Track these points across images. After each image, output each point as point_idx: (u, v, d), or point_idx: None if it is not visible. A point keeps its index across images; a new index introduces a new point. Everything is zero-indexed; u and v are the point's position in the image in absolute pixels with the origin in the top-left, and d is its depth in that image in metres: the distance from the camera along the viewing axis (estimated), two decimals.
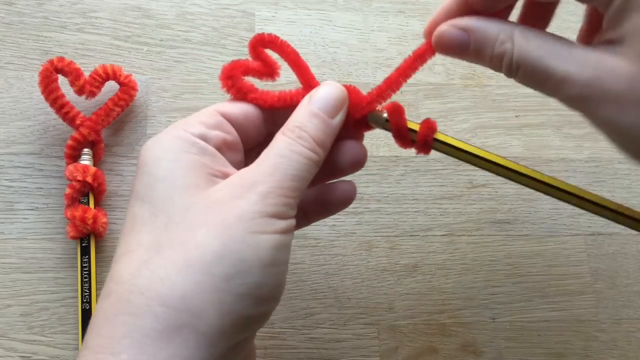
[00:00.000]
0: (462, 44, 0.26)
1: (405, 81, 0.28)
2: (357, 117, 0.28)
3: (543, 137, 0.41)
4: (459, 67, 0.42)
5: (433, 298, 0.38)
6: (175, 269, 0.21)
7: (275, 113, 0.28)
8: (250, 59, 0.28)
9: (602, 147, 0.41)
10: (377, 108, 0.28)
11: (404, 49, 0.42)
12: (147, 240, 0.22)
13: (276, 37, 0.28)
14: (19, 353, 0.34)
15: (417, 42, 0.42)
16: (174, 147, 0.24)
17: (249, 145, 0.28)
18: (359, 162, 0.29)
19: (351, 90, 0.28)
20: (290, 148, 0.25)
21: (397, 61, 0.42)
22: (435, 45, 0.27)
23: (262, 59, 0.28)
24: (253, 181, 0.24)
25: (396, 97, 0.41)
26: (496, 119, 0.41)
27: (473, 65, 0.42)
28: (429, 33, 0.27)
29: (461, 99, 0.41)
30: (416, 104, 0.41)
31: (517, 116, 0.41)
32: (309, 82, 0.28)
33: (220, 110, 0.27)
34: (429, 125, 0.27)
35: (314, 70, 0.41)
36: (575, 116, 0.42)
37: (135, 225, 0.23)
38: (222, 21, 0.41)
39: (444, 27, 0.26)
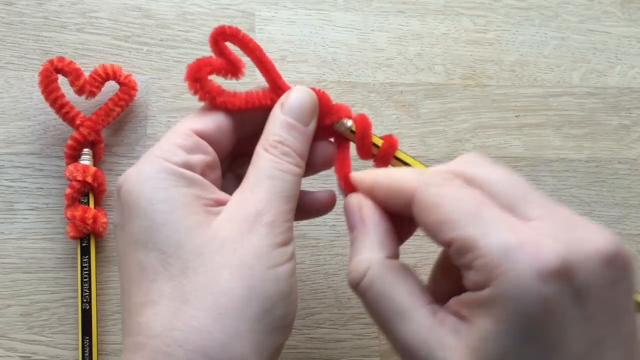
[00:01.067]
0: (351, 225, 0.26)
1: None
2: (324, 123, 0.28)
3: (543, 137, 0.41)
4: (459, 67, 0.42)
5: None
6: (209, 319, 0.21)
7: (242, 117, 0.27)
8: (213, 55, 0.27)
9: (602, 147, 0.41)
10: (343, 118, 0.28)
11: (404, 49, 0.42)
12: (167, 290, 0.22)
13: (237, 31, 0.27)
14: (19, 353, 0.34)
15: (417, 42, 0.42)
16: (163, 184, 0.23)
17: (221, 157, 0.27)
18: (329, 162, 0.29)
19: (320, 96, 0.28)
20: (279, 168, 0.25)
21: (397, 61, 0.42)
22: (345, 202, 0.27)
23: (225, 55, 0.27)
24: (256, 212, 0.24)
25: (396, 97, 0.41)
26: (496, 119, 0.41)
27: (473, 65, 0.42)
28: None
29: (461, 99, 0.41)
30: (416, 104, 0.41)
31: (517, 116, 0.41)
32: (274, 81, 0.27)
33: (194, 129, 0.26)
34: (391, 143, 0.28)
35: (313, 70, 0.41)
36: (575, 116, 0.42)
37: (147, 274, 0.23)
38: (222, 21, 0.41)
39: (353, 201, 0.26)
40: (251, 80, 0.38)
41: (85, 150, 0.36)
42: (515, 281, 0.19)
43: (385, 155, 0.28)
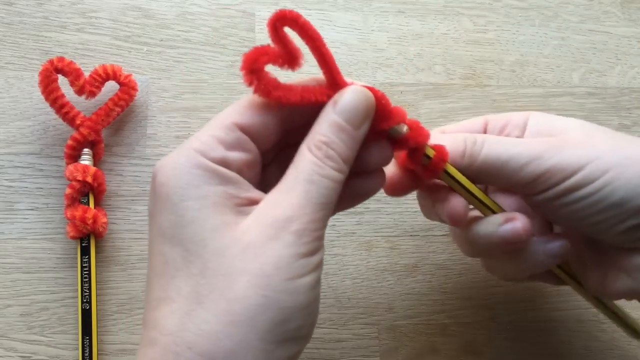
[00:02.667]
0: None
1: None
2: (380, 127, 0.26)
3: None
4: (459, 67, 0.42)
5: (433, 298, 0.38)
6: (220, 325, 0.21)
7: (293, 109, 0.25)
8: (270, 43, 0.24)
9: None
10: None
11: (404, 49, 0.42)
12: (185, 289, 0.22)
13: (299, 15, 0.24)
14: (19, 353, 0.34)
15: (417, 42, 0.42)
16: (196, 181, 0.23)
17: (264, 151, 0.26)
18: (384, 163, 0.28)
19: (379, 98, 0.25)
20: (319, 172, 0.24)
21: (397, 61, 0.42)
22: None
23: (285, 43, 0.24)
24: (285, 217, 0.23)
25: (397, 97, 0.41)
26: None
27: (473, 65, 0.42)
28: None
29: (461, 99, 0.41)
30: (416, 104, 0.41)
31: None
32: (333, 76, 0.25)
33: (238, 123, 0.24)
34: (442, 155, 0.28)
35: (313, 71, 0.41)
36: (575, 116, 0.42)
37: (168, 269, 0.23)
38: (222, 21, 0.41)
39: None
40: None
41: (85, 150, 0.36)
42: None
43: (435, 168, 0.28)
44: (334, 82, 0.25)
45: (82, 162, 0.36)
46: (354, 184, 0.27)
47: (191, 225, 0.23)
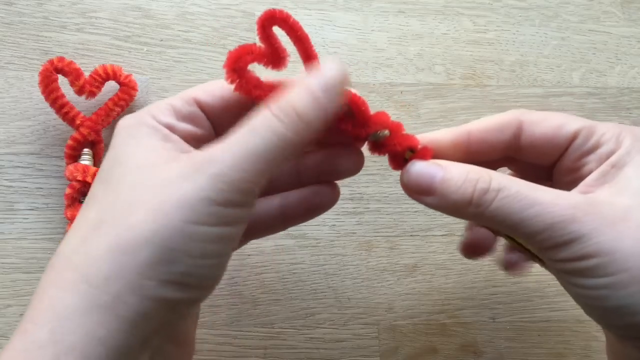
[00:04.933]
0: (433, 174, 0.25)
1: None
2: (359, 135, 0.26)
3: None
4: (459, 67, 0.42)
5: (433, 298, 0.38)
6: (105, 250, 0.21)
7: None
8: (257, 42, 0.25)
9: None
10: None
11: (404, 49, 0.42)
12: (92, 216, 0.22)
13: (288, 15, 0.24)
14: None
15: (417, 42, 0.42)
16: (138, 132, 0.23)
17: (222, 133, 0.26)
18: (354, 170, 0.28)
19: (360, 104, 0.26)
20: (266, 123, 0.22)
21: (397, 61, 0.42)
22: (405, 178, 0.26)
23: (271, 43, 0.24)
24: (208, 158, 0.22)
25: (396, 97, 0.41)
26: None
27: (473, 65, 0.42)
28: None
29: (461, 99, 0.41)
30: (416, 104, 0.41)
31: None
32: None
33: (198, 99, 0.25)
34: (424, 154, 0.27)
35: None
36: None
37: (88, 202, 0.23)
38: (222, 21, 0.41)
39: (419, 163, 0.26)
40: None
41: (85, 150, 0.36)
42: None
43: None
44: None
45: (82, 162, 0.36)
46: (312, 194, 0.28)
47: (120, 165, 0.23)
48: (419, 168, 0.26)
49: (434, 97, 0.41)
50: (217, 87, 0.25)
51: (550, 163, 0.28)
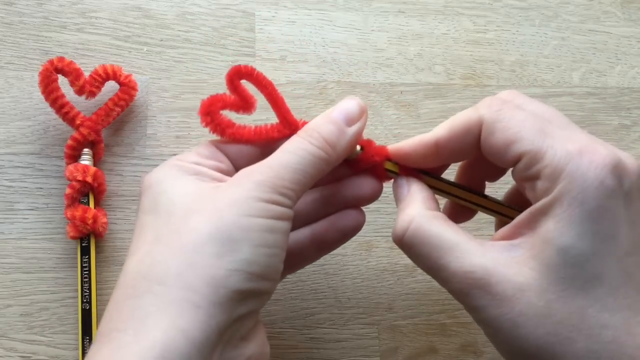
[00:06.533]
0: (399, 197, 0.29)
1: None
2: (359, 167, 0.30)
3: None
4: (459, 67, 0.42)
5: (433, 298, 0.38)
6: (170, 253, 0.23)
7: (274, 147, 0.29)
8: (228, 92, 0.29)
9: None
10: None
11: (404, 49, 0.42)
12: (150, 237, 0.24)
13: (252, 69, 0.28)
14: (19, 353, 0.34)
15: (417, 42, 0.42)
16: (173, 172, 0.26)
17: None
18: (371, 198, 0.30)
19: (367, 144, 0.29)
20: (297, 145, 0.26)
21: (397, 61, 0.42)
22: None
23: (239, 93, 0.28)
24: (250, 171, 0.25)
25: (396, 97, 0.41)
26: None
27: (473, 65, 0.42)
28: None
29: (461, 99, 0.41)
30: (416, 104, 0.41)
31: None
32: (284, 116, 0.28)
33: (214, 144, 0.28)
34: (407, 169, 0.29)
35: (313, 70, 0.41)
36: (575, 116, 0.42)
37: (142, 230, 0.25)
38: (222, 21, 0.41)
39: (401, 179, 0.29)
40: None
41: (85, 150, 0.36)
42: (578, 176, 0.22)
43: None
44: (284, 120, 0.29)
45: (82, 162, 0.36)
46: (338, 218, 0.30)
47: (163, 196, 0.25)
48: (398, 183, 0.29)
49: (434, 97, 0.41)
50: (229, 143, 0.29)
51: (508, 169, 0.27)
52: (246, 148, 0.29)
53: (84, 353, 0.34)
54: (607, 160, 0.22)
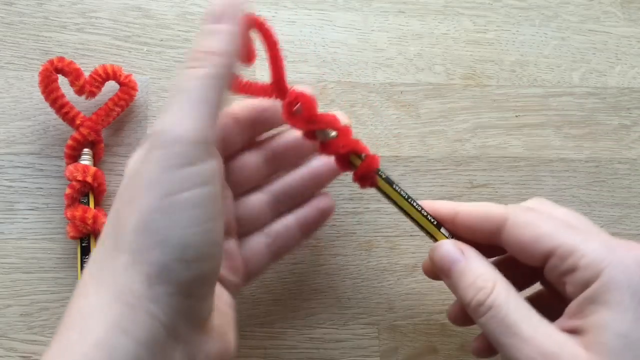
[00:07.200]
0: (454, 261, 0.28)
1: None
2: (307, 129, 0.29)
3: (543, 137, 0.41)
4: (459, 67, 0.42)
5: (433, 298, 0.38)
6: (109, 252, 0.23)
7: (254, 121, 0.30)
8: None
9: (602, 147, 0.41)
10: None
11: (404, 49, 0.42)
12: (102, 233, 0.24)
13: (265, 22, 0.27)
14: (19, 353, 0.34)
15: (417, 42, 0.42)
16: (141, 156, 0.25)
17: (227, 152, 0.30)
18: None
19: (306, 102, 0.28)
20: (184, 78, 0.24)
21: (397, 61, 0.42)
22: (432, 252, 0.29)
23: (245, 41, 0.27)
24: (154, 134, 0.23)
25: (396, 97, 0.41)
26: (496, 119, 0.41)
27: (473, 65, 0.42)
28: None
29: (461, 99, 0.41)
30: (416, 104, 0.41)
31: (517, 116, 0.41)
32: (278, 78, 0.28)
33: None
34: (371, 164, 0.30)
35: (313, 70, 0.41)
36: (575, 116, 0.42)
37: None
38: None
39: (448, 244, 0.29)
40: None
41: (85, 150, 0.36)
42: (621, 266, 0.24)
43: (362, 178, 0.30)
44: (277, 84, 0.28)
45: (82, 162, 0.36)
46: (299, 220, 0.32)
47: (122, 182, 0.24)
48: (445, 250, 0.29)
49: (434, 97, 0.41)
50: None
51: (535, 266, 0.27)
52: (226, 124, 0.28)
53: None
54: None
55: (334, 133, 0.29)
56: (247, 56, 0.27)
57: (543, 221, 0.26)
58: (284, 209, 0.32)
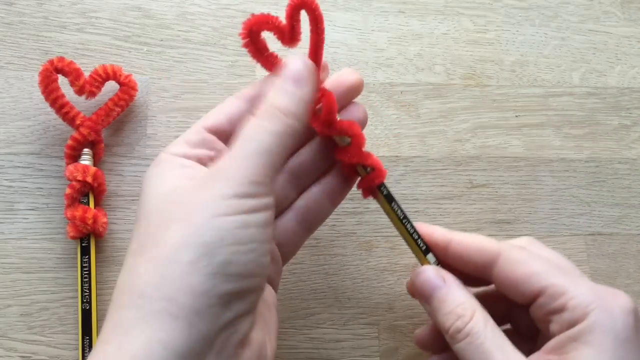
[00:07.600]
0: (435, 287, 0.29)
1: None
2: (322, 132, 0.29)
3: (543, 137, 0.41)
4: (459, 67, 0.42)
5: None
6: (149, 265, 0.23)
7: None
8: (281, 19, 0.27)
9: (602, 147, 0.41)
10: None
11: (404, 49, 0.42)
12: (134, 247, 0.25)
13: (318, 5, 0.27)
14: (19, 353, 0.34)
15: (417, 42, 0.42)
16: (158, 167, 0.26)
17: None
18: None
19: (329, 103, 0.28)
20: (254, 128, 0.25)
21: (397, 61, 0.42)
22: (414, 276, 0.31)
23: (293, 22, 0.27)
24: (217, 168, 0.25)
25: (396, 97, 0.41)
26: (496, 119, 0.41)
27: (473, 65, 0.42)
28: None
29: (461, 99, 0.41)
30: (416, 104, 0.41)
31: (517, 116, 0.41)
32: (318, 65, 0.28)
33: (205, 125, 0.28)
34: (378, 174, 0.30)
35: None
36: (575, 116, 0.42)
37: (131, 239, 0.25)
38: (222, 21, 0.41)
39: (430, 270, 0.30)
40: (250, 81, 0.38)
41: (85, 150, 0.36)
42: (608, 314, 0.25)
43: (366, 188, 0.31)
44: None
45: (82, 162, 0.36)
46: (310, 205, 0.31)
47: (148, 198, 0.25)
48: (427, 276, 0.30)
49: (434, 97, 0.41)
50: (219, 109, 0.29)
51: (520, 303, 0.29)
52: (236, 119, 0.28)
53: (84, 353, 0.34)
54: (629, 303, 0.26)
55: (348, 140, 0.29)
56: (293, 37, 0.27)
57: (535, 261, 0.28)
58: (308, 183, 0.32)
